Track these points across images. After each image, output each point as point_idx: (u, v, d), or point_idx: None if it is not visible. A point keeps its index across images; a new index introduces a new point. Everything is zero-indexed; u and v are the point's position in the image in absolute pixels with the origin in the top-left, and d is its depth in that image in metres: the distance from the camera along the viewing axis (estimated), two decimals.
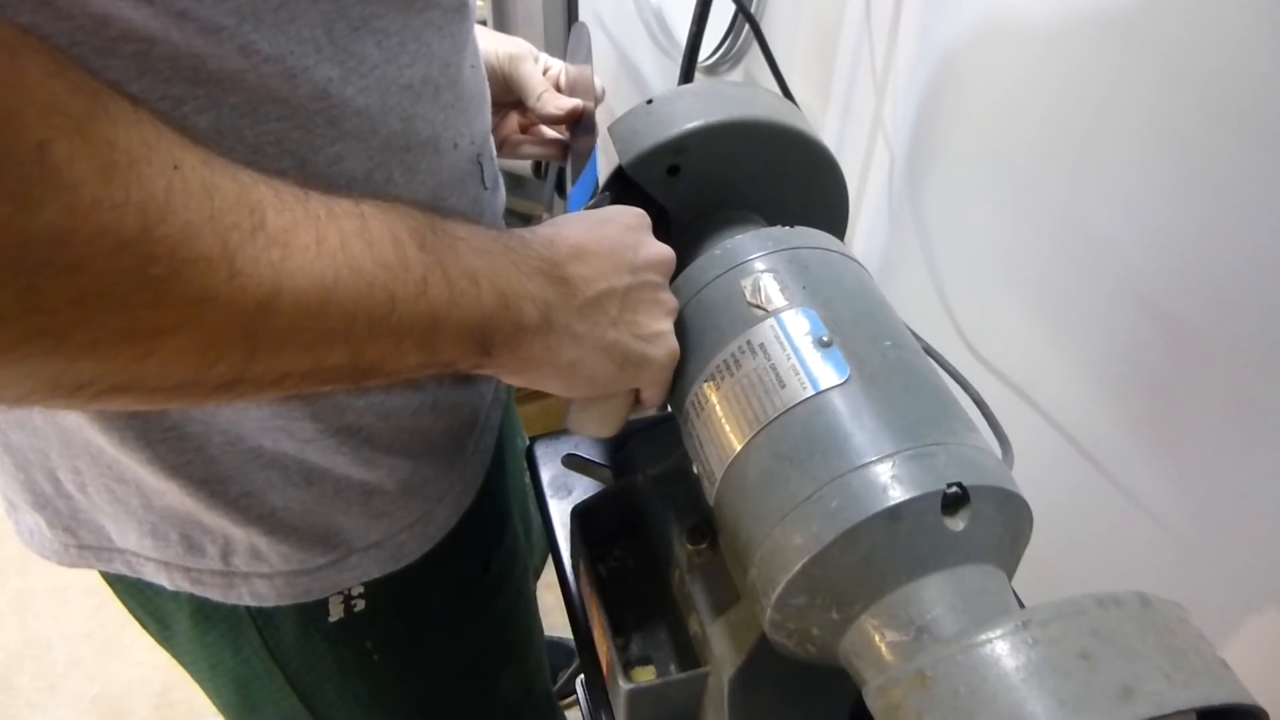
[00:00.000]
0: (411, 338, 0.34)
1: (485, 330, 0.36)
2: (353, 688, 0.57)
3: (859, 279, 0.46)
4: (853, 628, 0.36)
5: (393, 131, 0.40)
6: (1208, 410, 0.50)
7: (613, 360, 0.42)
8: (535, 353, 0.39)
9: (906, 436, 0.37)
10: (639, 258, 0.44)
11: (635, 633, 0.52)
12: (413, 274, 0.33)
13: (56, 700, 1.38)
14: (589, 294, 0.41)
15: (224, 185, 0.28)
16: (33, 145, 0.22)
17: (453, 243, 0.36)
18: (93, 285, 0.24)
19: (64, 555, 0.49)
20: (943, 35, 0.64)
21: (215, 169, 0.28)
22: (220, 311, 0.27)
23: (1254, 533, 0.49)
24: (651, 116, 0.51)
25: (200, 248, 0.26)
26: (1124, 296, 0.53)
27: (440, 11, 0.42)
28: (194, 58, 0.32)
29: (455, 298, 0.35)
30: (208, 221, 0.27)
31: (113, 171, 0.24)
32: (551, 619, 1.26)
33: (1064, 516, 0.60)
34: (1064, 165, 0.56)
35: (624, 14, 1.20)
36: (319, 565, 0.49)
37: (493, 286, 0.36)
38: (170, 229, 0.26)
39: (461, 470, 0.54)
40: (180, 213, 0.26)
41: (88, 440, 0.43)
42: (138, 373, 0.27)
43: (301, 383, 0.32)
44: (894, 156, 0.74)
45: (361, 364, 0.33)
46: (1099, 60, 0.51)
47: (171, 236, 0.26)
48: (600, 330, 0.41)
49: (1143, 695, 0.27)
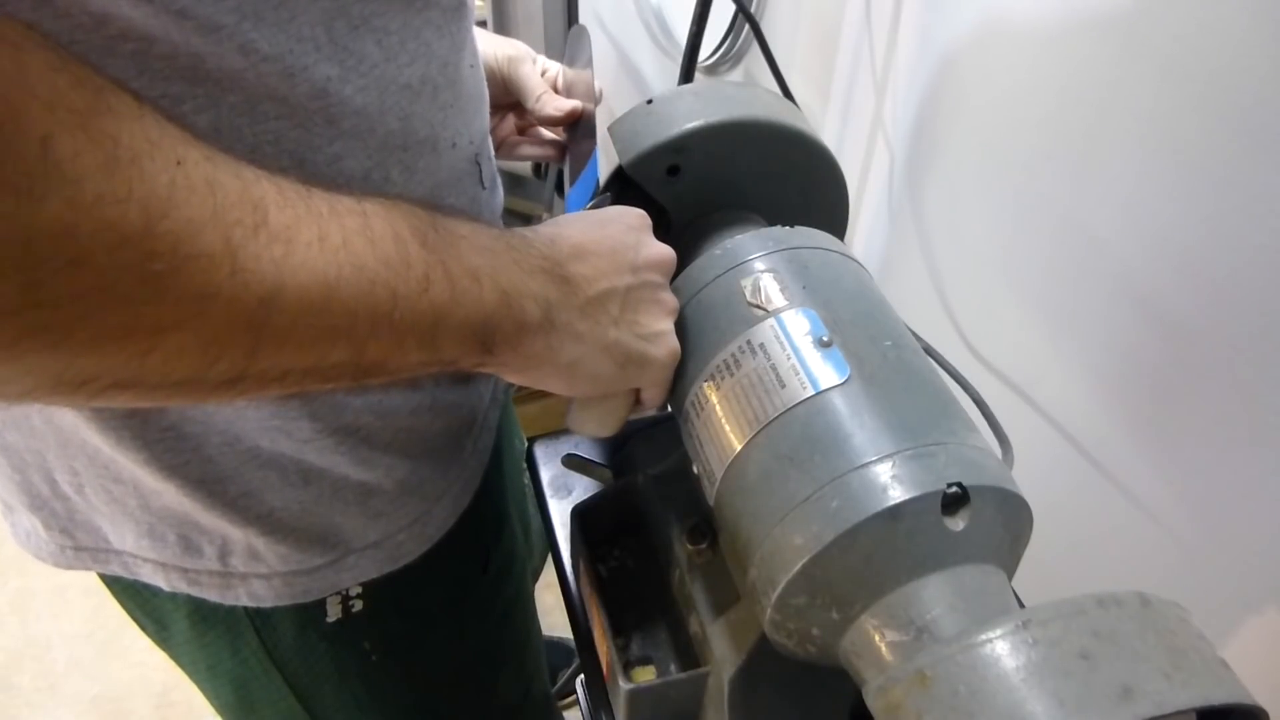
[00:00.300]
0: (414, 335, 0.34)
1: (487, 328, 0.36)
2: (350, 688, 0.57)
3: (859, 279, 0.46)
4: (853, 628, 0.36)
5: (390, 131, 0.40)
6: (1208, 410, 0.50)
7: (614, 359, 0.42)
8: (537, 351, 0.39)
9: (906, 436, 0.37)
10: (640, 258, 0.44)
11: (635, 633, 0.52)
12: (415, 272, 0.33)
13: (56, 700, 1.38)
14: (591, 293, 0.41)
15: (227, 182, 0.28)
16: (36, 139, 0.22)
17: (454, 240, 0.36)
18: (95, 280, 0.24)
19: (60, 557, 0.49)
20: (943, 35, 0.64)
21: (218, 165, 0.28)
22: (223, 308, 0.27)
23: (1254, 533, 0.49)
24: (651, 116, 0.51)
25: (203, 244, 0.26)
26: (1124, 296, 0.53)
27: (439, 11, 0.42)
28: (193, 56, 0.32)
29: (457, 295, 0.35)
30: (210, 218, 0.27)
31: (116, 167, 0.24)
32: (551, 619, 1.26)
33: (1064, 516, 0.60)
34: (1064, 165, 0.56)
35: (624, 14, 1.20)
36: (317, 565, 0.49)
37: (495, 284, 0.36)
38: (173, 225, 0.26)
39: (459, 471, 0.54)
40: (183, 209, 0.26)
41: (85, 440, 0.43)
42: (140, 369, 0.27)
43: (304, 380, 0.32)
44: (894, 156, 0.74)
45: (363, 361, 0.33)
46: (1099, 61, 0.51)
47: (174, 232, 0.26)
48: (602, 329, 0.41)
49: (1143, 695, 0.27)
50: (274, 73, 0.35)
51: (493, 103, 0.54)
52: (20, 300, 0.23)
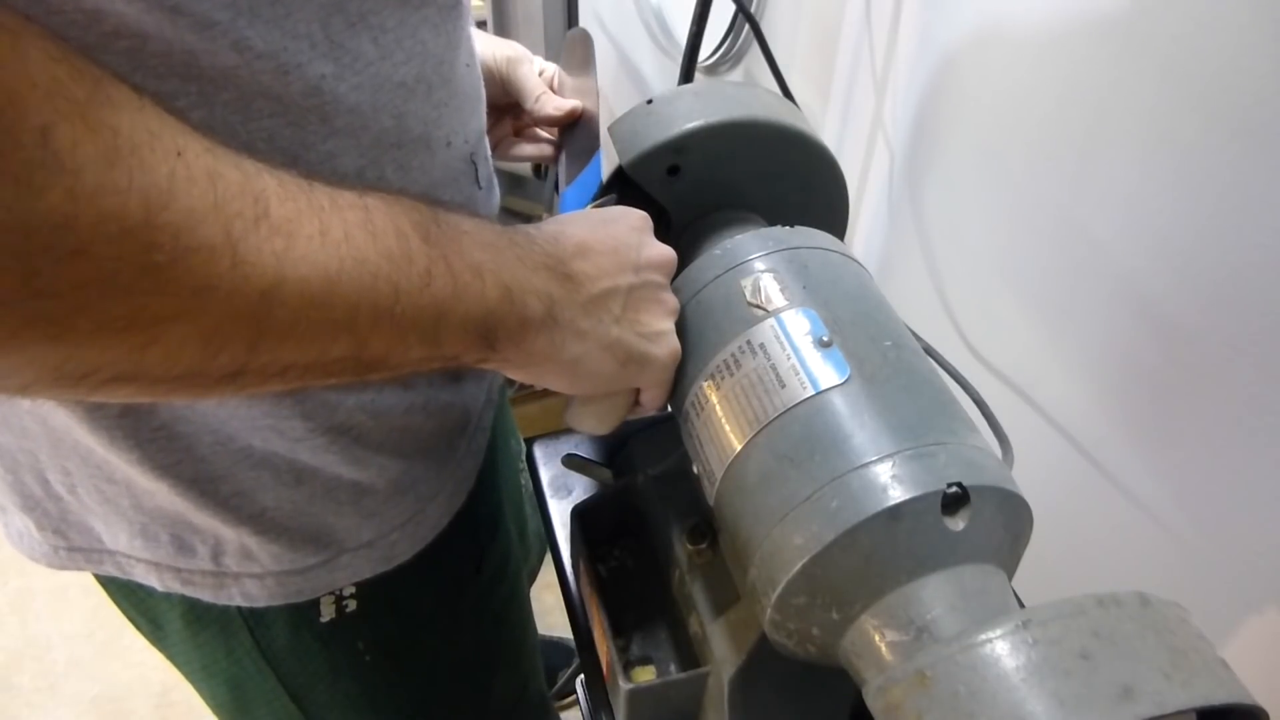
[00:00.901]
0: (415, 330, 0.34)
1: (489, 324, 0.36)
2: (345, 688, 0.57)
3: (859, 279, 0.46)
4: (853, 628, 0.36)
5: (384, 129, 0.40)
6: (1208, 411, 0.50)
7: (615, 358, 0.42)
8: (539, 347, 0.39)
9: (906, 436, 0.37)
10: (642, 257, 0.44)
11: (635, 633, 0.52)
12: (417, 266, 0.33)
13: (56, 700, 1.38)
14: (593, 291, 0.41)
15: (227, 173, 0.28)
16: (35, 129, 0.22)
17: (457, 236, 0.36)
18: (95, 271, 0.24)
19: (53, 558, 0.49)
20: (943, 35, 0.64)
21: (219, 157, 0.28)
22: (223, 300, 0.27)
23: (1254, 533, 0.49)
24: (651, 116, 0.51)
25: (203, 235, 0.26)
26: (1124, 296, 0.53)
27: (436, 9, 0.41)
28: (187, 53, 0.32)
29: (459, 290, 0.35)
30: (211, 209, 0.27)
31: (115, 157, 0.24)
32: (551, 619, 1.26)
33: (1064, 516, 0.60)
34: (1064, 166, 0.56)
35: (624, 14, 1.20)
36: (310, 565, 0.49)
37: (497, 280, 0.36)
38: (173, 216, 0.26)
39: (453, 470, 0.54)
40: (183, 200, 0.26)
41: (77, 441, 0.43)
42: (141, 361, 0.27)
43: (306, 375, 0.32)
44: (894, 156, 0.74)
45: (365, 356, 0.33)
46: (1099, 61, 0.51)
47: (174, 223, 0.26)
48: (604, 327, 0.41)
49: (1143, 695, 0.27)
50: (268, 70, 0.35)
51: (491, 103, 0.54)
52: (21, 291, 0.23)
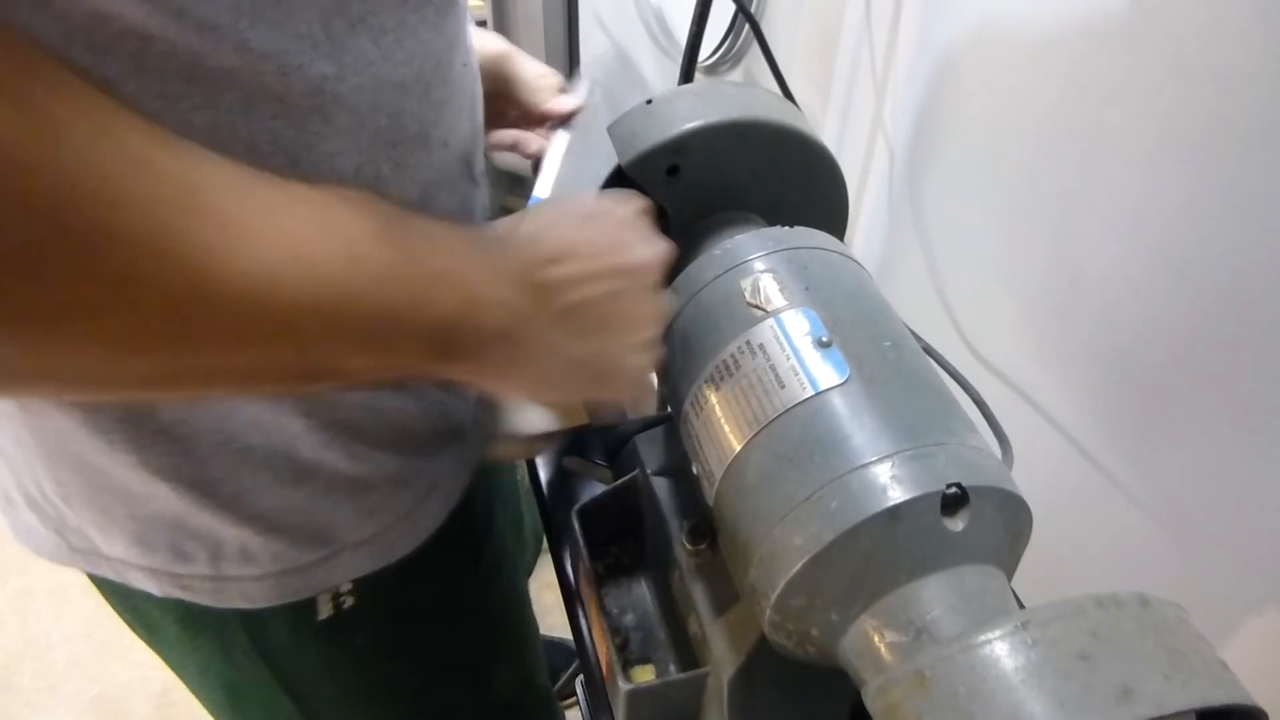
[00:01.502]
0: (365, 338, 0.32)
1: (445, 334, 0.35)
2: (343, 686, 0.57)
3: (859, 279, 0.46)
4: (852, 628, 0.36)
5: (380, 127, 0.40)
6: (1208, 411, 0.50)
7: (587, 371, 0.41)
8: (498, 361, 0.37)
9: (906, 437, 0.37)
10: (631, 258, 0.42)
11: (635, 633, 0.52)
12: (368, 271, 0.31)
13: (56, 700, 1.38)
14: (569, 300, 0.39)
15: (160, 159, 0.26)
16: None
17: (419, 241, 0.34)
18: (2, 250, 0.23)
19: (58, 554, 0.49)
20: (942, 36, 0.64)
21: (154, 142, 0.26)
22: (145, 293, 0.26)
23: (1254, 533, 0.49)
24: (651, 116, 0.51)
25: (124, 222, 0.25)
26: (1123, 296, 0.53)
27: (434, 9, 0.41)
28: (191, 55, 0.32)
29: (414, 299, 0.33)
30: (137, 195, 0.25)
31: (34, 135, 0.23)
32: (551, 619, 1.26)
33: (1064, 517, 0.60)
34: (1064, 165, 0.56)
35: (624, 14, 1.20)
36: (310, 562, 0.49)
37: (457, 289, 0.35)
38: (92, 199, 0.24)
39: (450, 466, 0.54)
40: (106, 182, 0.24)
41: (72, 450, 0.42)
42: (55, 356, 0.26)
43: (243, 381, 0.31)
44: (894, 156, 0.74)
45: (308, 363, 0.32)
46: (1099, 61, 0.51)
47: (93, 207, 0.24)
48: (577, 341, 0.40)
49: (1142, 696, 0.27)
50: (270, 71, 0.34)
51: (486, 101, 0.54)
52: None
